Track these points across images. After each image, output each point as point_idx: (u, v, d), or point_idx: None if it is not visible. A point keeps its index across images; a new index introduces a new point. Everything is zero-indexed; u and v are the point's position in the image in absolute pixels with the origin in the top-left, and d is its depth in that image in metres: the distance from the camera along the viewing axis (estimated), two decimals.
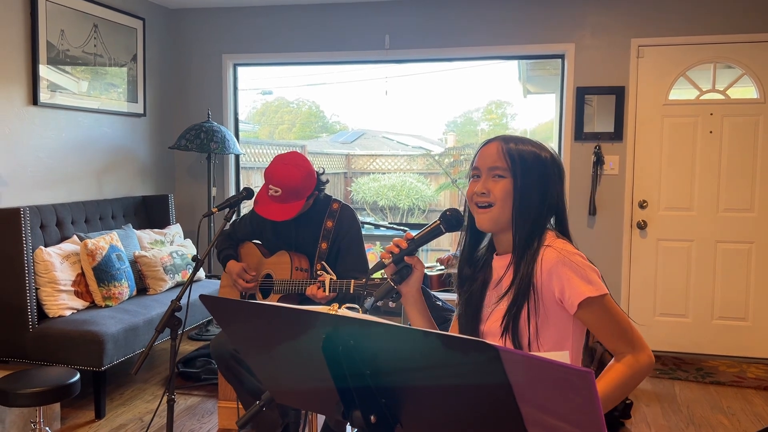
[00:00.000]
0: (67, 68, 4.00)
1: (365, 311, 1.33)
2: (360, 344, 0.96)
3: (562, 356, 1.33)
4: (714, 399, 3.64)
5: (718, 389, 3.80)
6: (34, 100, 3.75)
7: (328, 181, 2.72)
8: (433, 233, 1.49)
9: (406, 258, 1.47)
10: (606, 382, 1.34)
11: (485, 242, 1.55)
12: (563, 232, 1.49)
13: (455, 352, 0.86)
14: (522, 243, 1.42)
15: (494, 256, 1.51)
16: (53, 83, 3.89)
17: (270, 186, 2.52)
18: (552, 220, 1.50)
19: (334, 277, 2.38)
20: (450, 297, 4.25)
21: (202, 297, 1.10)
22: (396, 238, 1.49)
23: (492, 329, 1.44)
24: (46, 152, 3.87)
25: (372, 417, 1.01)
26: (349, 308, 1.08)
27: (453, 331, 1.59)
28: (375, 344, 0.96)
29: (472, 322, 1.50)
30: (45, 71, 3.81)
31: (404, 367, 0.95)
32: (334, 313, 0.97)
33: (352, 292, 2.32)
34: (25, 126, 3.73)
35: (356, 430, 1.05)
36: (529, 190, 1.42)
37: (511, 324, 1.39)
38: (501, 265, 1.47)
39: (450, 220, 1.49)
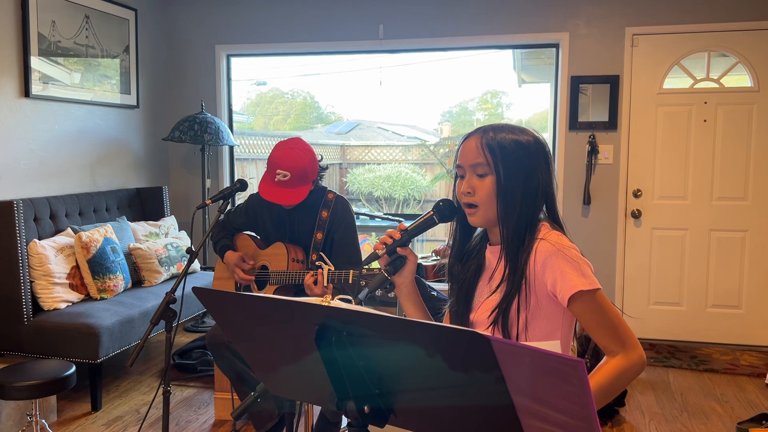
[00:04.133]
0: (59, 60, 3.98)
1: (359, 302, 1.33)
2: (353, 335, 0.96)
3: (553, 346, 1.34)
4: (708, 386, 3.67)
5: (711, 377, 3.83)
6: (26, 92, 3.73)
7: (327, 167, 2.74)
8: (426, 224, 1.49)
9: (399, 249, 1.47)
10: (596, 381, 1.33)
11: (477, 232, 1.55)
12: (554, 219, 1.47)
13: (447, 342, 0.86)
14: (510, 236, 1.41)
15: (488, 245, 1.51)
16: (45, 75, 3.87)
17: (278, 171, 2.52)
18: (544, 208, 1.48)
19: (332, 268, 2.38)
20: (445, 287, 4.26)
21: (195, 289, 1.10)
22: (389, 230, 1.49)
23: (481, 319, 1.44)
24: (39, 145, 3.85)
25: (365, 407, 1.01)
26: (342, 299, 1.08)
27: (446, 322, 1.60)
28: (367, 335, 0.96)
29: (462, 310, 1.50)
30: (37, 63, 3.79)
31: (397, 357, 0.96)
32: (326, 304, 0.97)
33: (351, 282, 2.33)
34: (17, 118, 3.70)
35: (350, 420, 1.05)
36: (512, 184, 1.39)
37: (501, 316, 1.39)
38: (494, 256, 1.48)
39: (443, 211, 1.49)
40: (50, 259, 3.42)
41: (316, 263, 2.48)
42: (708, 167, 4.33)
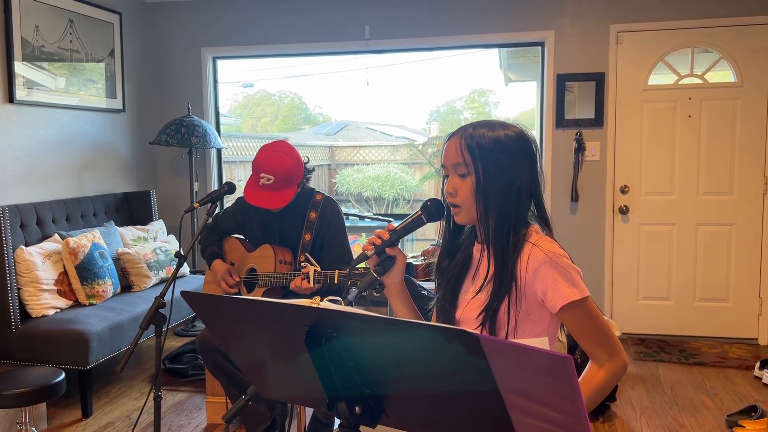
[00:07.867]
0: (44, 65, 3.95)
1: (349, 303, 1.33)
2: (343, 336, 0.97)
3: (542, 342, 1.34)
4: (697, 380, 3.70)
5: (701, 370, 3.86)
6: (11, 97, 3.70)
7: (314, 170, 2.73)
8: (415, 224, 1.50)
9: (387, 249, 1.47)
10: (584, 388, 1.35)
11: (467, 229, 1.56)
12: (542, 218, 1.47)
13: (437, 341, 0.86)
14: (493, 236, 1.41)
15: (475, 243, 1.52)
16: (29, 80, 3.84)
17: (262, 174, 2.51)
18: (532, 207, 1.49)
19: (318, 269, 2.38)
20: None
21: (183, 293, 1.10)
22: (378, 230, 1.49)
23: (468, 318, 1.45)
24: (24, 150, 3.82)
25: (357, 408, 1.01)
26: (331, 301, 1.09)
27: (433, 320, 1.60)
28: (357, 336, 0.96)
29: (448, 308, 1.50)
30: (21, 68, 3.76)
31: (387, 357, 0.96)
32: (316, 306, 0.97)
33: (336, 282, 2.33)
34: (1, 124, 3.67)
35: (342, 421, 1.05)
36: (490, 184, 1.39)
37: (489, 317, 1.40)
38: (479, 253, 1.48)
39: (431, 210, 1.50)
40: (37, 266, 3.39)
41: (301, 264, 2.47)
42: (694, 162, 4.37)
